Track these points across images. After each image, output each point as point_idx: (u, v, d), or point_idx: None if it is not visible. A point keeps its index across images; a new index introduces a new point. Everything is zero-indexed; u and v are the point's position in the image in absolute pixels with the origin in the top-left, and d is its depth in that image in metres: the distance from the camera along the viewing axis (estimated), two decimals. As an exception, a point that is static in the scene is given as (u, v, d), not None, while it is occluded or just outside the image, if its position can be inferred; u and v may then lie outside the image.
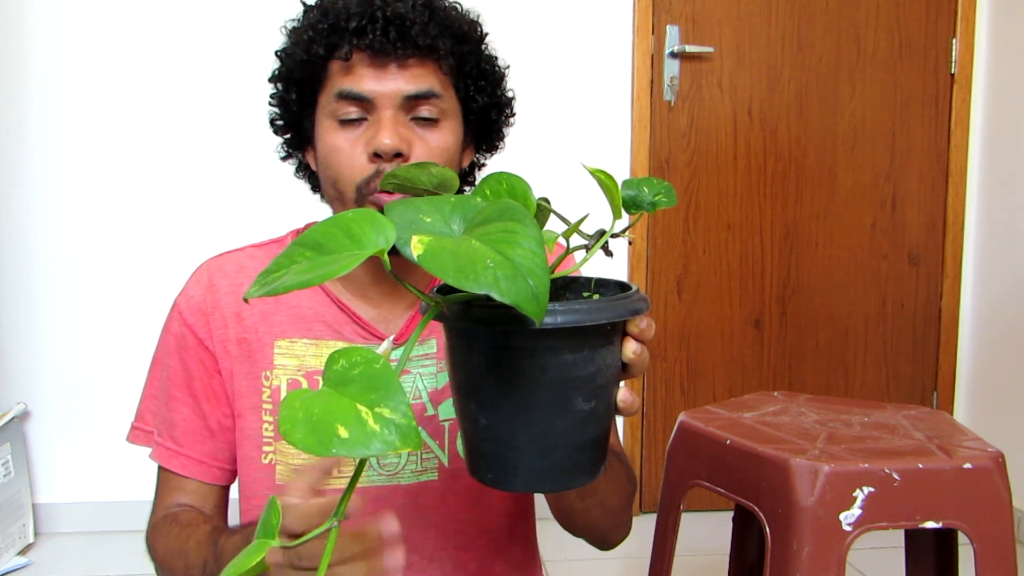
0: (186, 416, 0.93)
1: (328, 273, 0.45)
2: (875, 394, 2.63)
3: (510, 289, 0.44)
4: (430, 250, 0.46)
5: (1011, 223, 2.45)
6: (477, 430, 0.57)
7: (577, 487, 0.59)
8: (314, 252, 0.48)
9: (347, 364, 0.46)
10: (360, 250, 0.47)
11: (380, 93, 0.84)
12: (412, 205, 0.52)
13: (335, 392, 0.45)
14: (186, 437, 0.93)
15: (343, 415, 0.44)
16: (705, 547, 1.98)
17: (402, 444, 0.43)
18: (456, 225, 0.51)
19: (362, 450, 0.43)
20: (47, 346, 2.34)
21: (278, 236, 1.00)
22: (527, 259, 0.45)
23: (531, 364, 0.54)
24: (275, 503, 0.51)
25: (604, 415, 0.58)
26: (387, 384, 0.45)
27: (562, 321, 0.52)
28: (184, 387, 0.93)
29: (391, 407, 0.44)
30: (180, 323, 0.93)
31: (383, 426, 0.44)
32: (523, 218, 0.48)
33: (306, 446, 0.43)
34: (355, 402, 0.44)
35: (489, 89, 0.93)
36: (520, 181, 0.58)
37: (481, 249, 0.46)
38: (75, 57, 2.29)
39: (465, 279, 0.44)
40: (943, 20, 2.55)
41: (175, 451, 0.93)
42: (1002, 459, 1.02)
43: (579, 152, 2.44)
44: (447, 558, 0.92)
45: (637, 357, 0.58)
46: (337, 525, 0.50)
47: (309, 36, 0.85)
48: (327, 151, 0.87)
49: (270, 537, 0.50)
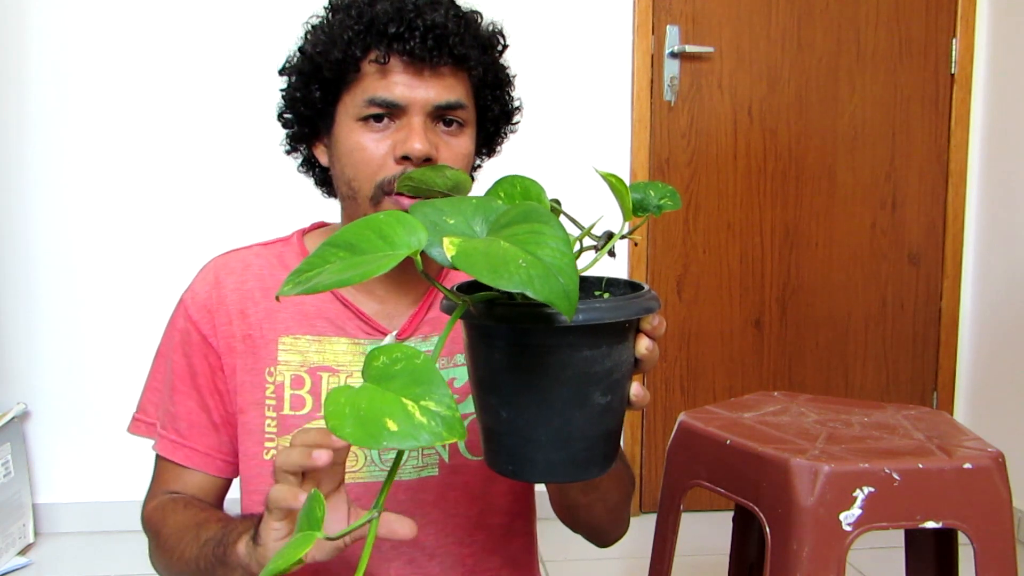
0: (190, 409, 0.94)
1: (366, 272, 0.47)
2: (875, 394, 2.63)
3: (543, 287, 0.45)
4: (463, 251, 0.47)
5: (1011, 223, 2.45)
6: (498, 423, 0.59)
7: (592, 478, 0.62)
8: (347, 252, 0.50)
9: (388, 360, 0.48)
10: (393, 251, 0.49)
11: (412, 99, 0.85)
12: (435, 207, 0.54)
13: (379, 387, 0.47)
14: (191, 430, 0.94)
15: (390, 409, 0.46)
16: (705, 547, 1.98)
17: (448, 435, 0.46)
18: (479, 226, 0.53)
19: (412, 441, 0.45)
20: (47, 346, 2.34)
21: (284, 236, 1.00)
22: (557, 259, 0.47)
23: (552, 360, 0.56)
24: (318, 496, 0.53)
25: (619, 409, 0.61)
26: (430, 378, 0.47)
27: (583, 319, 0.53)
28: (188, 382, 0.94)
29: (436, 400, 0.47)
30: (185, 319, 0.94)
31: (429, 418, 0.46)
32: (549, 220, 0.50)
33: (356, 439, 0.45)
34: (400, 396, 0.47)
35: (503, 98, 0.95)
36: (534, 184, 0.60)
37: (511, 250, 0.48)
38: (75, 57, 2.29)
39: (499, 278, 0.45)
40: (943, 20, 2.55)
41: (179, 443, 0.94)
42: (1002, 459, 1.02)
43: (579, 152, 2.44)
44: (446, 554, 0.93)
45: (649, 353, 0.61)
46: (377, 517, 0.52)
47: (347, 37, 0.85)
48: (349, 148, 0.87)
49: (315, 529, 0.51)
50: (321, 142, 0.94)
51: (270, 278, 0.95)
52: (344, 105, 0.88)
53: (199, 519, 0.86)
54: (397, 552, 0.91)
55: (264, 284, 0.94)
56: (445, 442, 0.46)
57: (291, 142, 0.97)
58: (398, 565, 0.91)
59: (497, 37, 0.93)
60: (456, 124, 0.88)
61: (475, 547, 0.95)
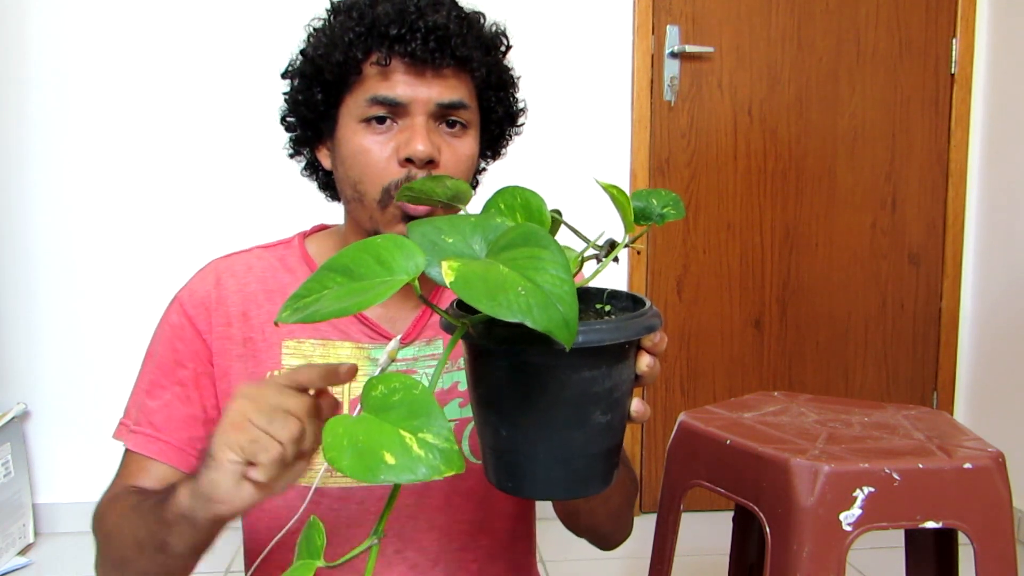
0: (169, 402, 0.90)
1: (364, 301, 0.47)
2: (875, 394, 2.63)
3: (542, 317, 0.45)
4: (461, 276, 0.47)
5: (1011, 223, 2.45)
6: (497, 441, 0.58)
7: (593, 495, 0.61)
8: (345, 278, 0.50)
9: (386, 390, 0.48)
10: (391, 276, 0.49)
11: (414, 100, 0.85)
12: (433, 225, 0.53)
13: (376, 419, 0.47)
14: (168, 424, 0.90)
15: (388, 442, 0.46)
16: (705, 547, 1.98)
17: (446, 468, 0.46)
18: (477, 246, 0.52)
19: (409, 475, 0.45)
20: (47, 346, 2.34)
21: (285, 238, 1.00)
22: (556, 286, 0.46)
23: (551, 380, 0.56)
24: (317, 523, 0.52)
25: (619, 426, 0.60)
26: (428, 410, 0.47)
27: (584, 341, 0.53)
28: (171, 374, 0.91)
29: (433, 432, 0.46)
30: (179, 314, 0.92)
31: (427, 451, 0.46)
32: (548, 244, 0.49)
33: (354, 472, 0.45)
34: (397, 428, 0.47)
35: (507, 100, 0.95)
36: (535, 196, 0.60)
37: (510, 275, 0.47)
38: (75, 57, 2.29)
39: (499, 307, 0.45)
40: (943, 20, 2.55)
41: (154, 437, 0.90)
42: (1002, 459, 1.02)
43: (579, 152, 2.44)
44: (450, 559, 0.93)
45: (651, 369, 0.61)
46: (377, 543, 0.51)
47: (349, 39, 0.85)
48: (353, 152, 0.87)
49: (315, 557, 0.51)
50: (324, 145, 0.94)
51: (272, 280, 0.94)
52: (346, 107, 0.88)
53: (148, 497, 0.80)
54: (400, 557, 0.91)
55: (267, 287, 0.93)
56: (443, 476, 0.45)
57: (294, 146, 0.96)
58: (401, 570, 0.91)
59: (500, 38, 0.93)
60: (459, 125, 0.88)
61: (479, 552, 0.94)
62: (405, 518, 0.91)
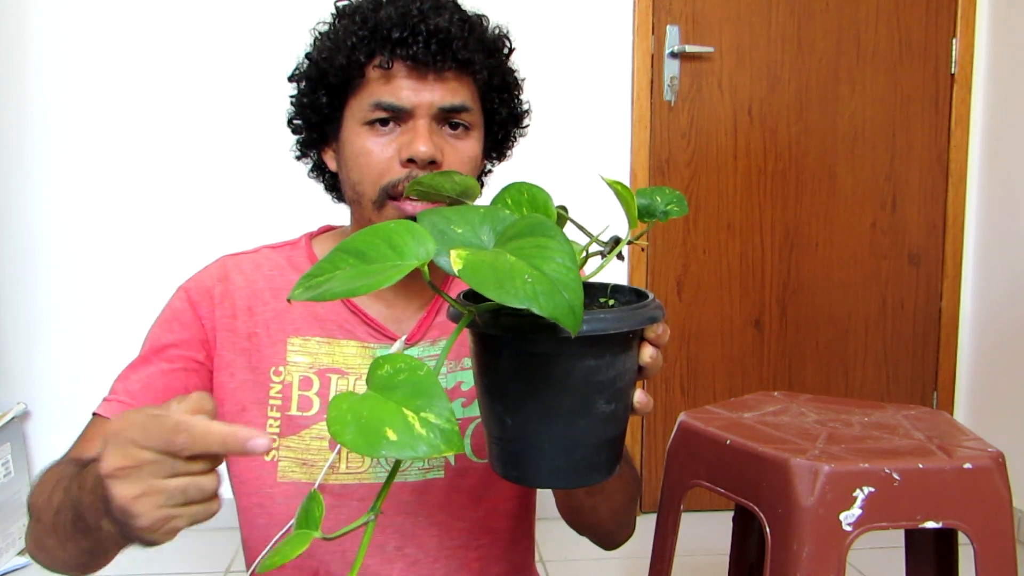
0: (152, 374, 0.89)
1: (374, 283, 0.48)
2: (875, 394, 2.63)
3: (548, 303, 0.46)
4: (469, 264, 0.48)
5: (1011, 223, 2.45)
6: (503, 430, 0.59)
7: (596, 484, 0.62)
8: (356, 260, 0.51)
9: (392, 370, 0.49)
10: (402, 261, 0.50)
11: (417, 103, 0.86)
12: (443, 215, 0.54)
13: (381, 396, 0.48)
14: (144, 392, 0.87)
15: (391, 419, 0.47)
16: (705, 547, 1.98)
17: (446, 447, 0.46)
18: (486, 236, 0.54)
19: (410, 452, 0.46)
20: (47, 346, 2.34)
21: (292, 239, 1.00)
22: (562, 274, 0.48)
23: (557, 369, 0.57)
24: (317, 496, 0.53)
25: (622, 416, 0.61)
26: (431, 391, 0.48)
27: (588, 330, 0.54)
28: (161, 352, 0.90)
29: (436, 412, 0.47)
30: (183, 300, 0.93)
31: (428, 430, 0.47)
32: (555, 234, 0.50)
33: (356, 447, 0.46)
34: (401, 407, 0.47)
35: (511, 102, 0.95)
36: (541, 191, 0.61)
37: (517, 264, 0.48)
38: (75, 57, 2.29)
39: (506, 293, 0.46)
40: (943, 20, 2.55)
41: (126, 404, 0.86)
42: (1002, 459, 1.02)
43: (580, 152, 2.44)
44: (451, 556, 0.93)
45: (653, 361, 0.61)
46: (374, 519, 0.52)
47: (352, 43, 0.86)
48: (356, 153, 0.88)
49: (312, 528, 0.51)
50: (330, 148, 0.94)
51: (280, 279, 0.95)
52: (350, 110, 0.89)
53: (57, 480, 0.73)
54: (401, 554, 0.91)
55: (274, 285, 0.94)
56: (443, 455, 0.46)
57: (301, 148, 0.97)
58: (401, 567, 0.91)
59: (503, 40, 0.94)
60: (462, 127, 0.89)
61: (481, 551, 0.94)
62: (405, 515, 0.91)
